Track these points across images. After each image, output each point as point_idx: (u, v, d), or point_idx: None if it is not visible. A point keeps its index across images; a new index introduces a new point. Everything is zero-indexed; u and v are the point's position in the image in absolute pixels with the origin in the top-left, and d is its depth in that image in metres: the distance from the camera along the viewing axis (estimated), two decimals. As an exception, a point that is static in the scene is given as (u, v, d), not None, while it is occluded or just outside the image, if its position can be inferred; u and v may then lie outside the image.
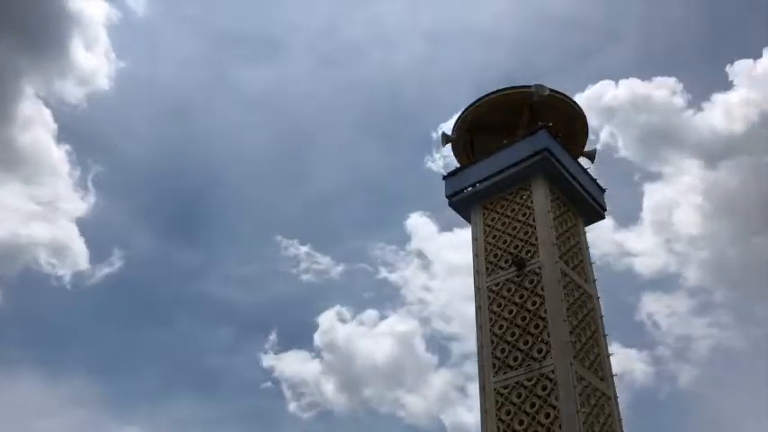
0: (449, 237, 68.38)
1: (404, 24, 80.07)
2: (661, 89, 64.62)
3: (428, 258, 70.79)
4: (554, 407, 21.79)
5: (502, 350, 24.10)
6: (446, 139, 31.69)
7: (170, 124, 74.84)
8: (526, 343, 23.66)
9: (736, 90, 65.56)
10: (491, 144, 29.75)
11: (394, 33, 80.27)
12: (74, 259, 64.39)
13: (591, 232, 29.08)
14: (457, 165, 31.55)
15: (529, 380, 22.82)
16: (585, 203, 28.70)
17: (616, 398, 23.85)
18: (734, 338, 62.71)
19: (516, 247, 26.26)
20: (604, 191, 30.23)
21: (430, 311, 68.28)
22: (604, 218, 29.84)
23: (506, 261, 26.21)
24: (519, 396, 22.76)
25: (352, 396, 62.66)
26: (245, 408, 64.52)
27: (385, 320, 67.82)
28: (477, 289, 26.31)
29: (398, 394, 63.43)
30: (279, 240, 70.02)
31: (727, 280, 62.62)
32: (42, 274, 63.46)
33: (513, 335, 24.13)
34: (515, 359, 23.57)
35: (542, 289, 24.42)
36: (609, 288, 26.26)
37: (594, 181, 29.91)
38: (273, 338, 68.06)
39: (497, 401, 23.13)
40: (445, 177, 29.88)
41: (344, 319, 66.91)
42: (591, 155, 31.37)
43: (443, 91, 76.52)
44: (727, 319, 64.19)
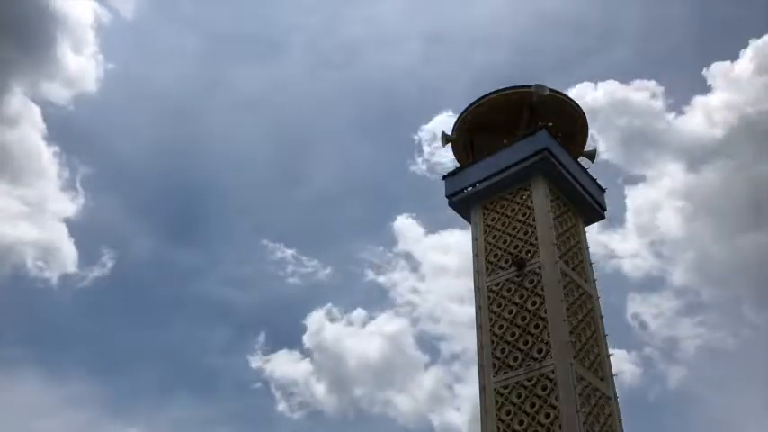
0: (435, 239, 69.26)
1: (402, 25, 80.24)
2: (641, 92, 65.12)
3: (416, 260, 71.31)
4: (554, 407, 21.78)
5: (502, 350, 24.09)
6: (446, 139, 31.70)
7: (163, 125, 74.93)
8: (526, 343, 23.65)
9: (715, 93, 66.33)
10: (491, 144, 29.73)
11: (392, 34, 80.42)
12: (63, 261, 64.75)
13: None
14: (441, 165, 31.69)
15: (529, 380, 22.81)
16: (585, 203, 28.70)
17: (616, 398, 23.84)
18: (722, 338, 63.24)
19: (516, 247, 26.26)
20: (604, 191, 30.25)
21: (419, 312, 68.50)
22: (604, 218, 29.85)
23: (506, 261, 26.21)
24: (519, 396, 22.74)
25: (341, 396, 62.98)
26: (241, 408, 64.85)
27: (374, 321, 68.28)
28: (477, 289, 26.30)
29: (388, 394, 63.81)
30: (270, 242, 70.87)
31: (713, 280, 63.29)
32: (31, 276, 63.74)
33: (513, 335, 24.12)
34: (515, 359, 23.56)
35: (542, 289, 24.41)
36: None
37: (594, 181, 29.92)
38: (266, 339, 68.65)
39: (497, 401, 23.11)
40: (445, 177, 29.86)
41: (334, 320, 67.38)
42: (591, 155, 31.39)
43: (442, 91, 76.74)
44: (714, 319, 64.78)
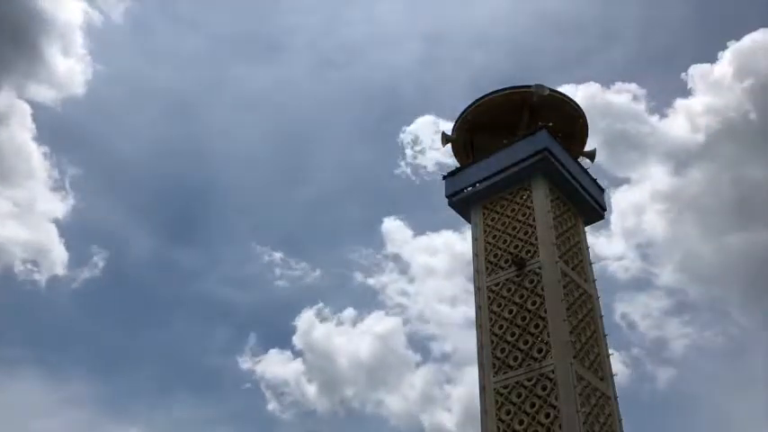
0: (423, 240, 69.55)
1: (402, 25, 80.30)
2: (622, 94, 65.41)
3: (405, 262, 71.49)
4: (554, 407, 21.78)
5: (502, 350, 24.08)
6: (446, 139, 31.71)
7: (155, 126, 75.15)
8: (526, 343, 23.64)
9: (696, 96, 66.84)
10: (491, 144, 29.74)
11: (392, 34, 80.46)
12: (53, 261, 64.91)
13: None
14: (423, 168, 31.70)
15: (529, 380, 22.80)
16: (585, 203, 28.69)
17: (616, 398, 23.83)
18: (710, 337, 63.71)
19: (516, 247, 26.25)
20: (604, 191, 30.30)
21: (408, 314, 68.72)
22: (604, 218, 29.90)
23: (506, 261, 26.20)
24: (519, 396, 22.74)
25: (332, 396, 63.17)
26: (238, 408, 65.05)
27: (365, 322, 68.59)
28: (477, 289, 26.29)
29: (378, 395, 64.16)
30: (261, 244, 71.01)
31: (700, 279, 63.77)
32: (21, 277, 63.77)
33: (513, 335, 24.12)
34: (515, 359, 23.55)
35: (542, 289, 24.41)
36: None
37: (594, 181, 29.92)
38: (259, 340, 68.99)
39: (497, 401, 23.10)
40: (445, 177, 29.87)
41: (325, 320, 67.82)
42: (591, 155, 31.39)
43: (441, 92, 76.73)
44: (702, 319, 65.32)
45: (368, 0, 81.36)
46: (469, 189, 28.79)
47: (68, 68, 67.25)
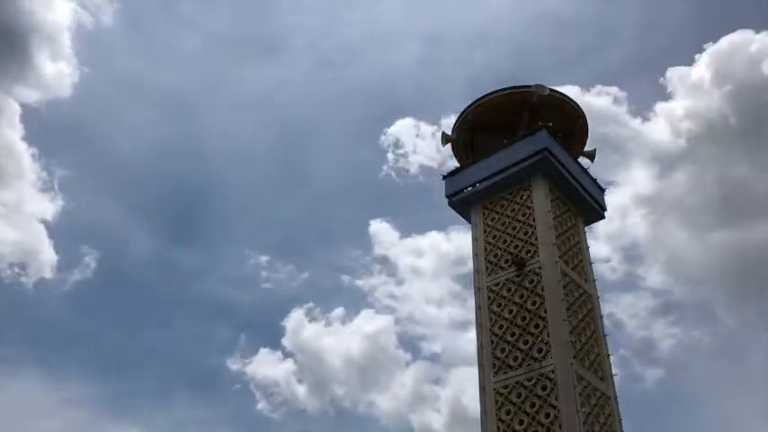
0: (410, 242, 69.80)
1: (402, 25, 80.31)
2: (602, 97, 65.64)
3: (392, 263, 71.57)
4: (554, 407, 21.77)
5: (502, 350, 24.07)
6: (446, 139, 31.70)
7: (153, 126, 75.32)
8: (526, 343, 23.63)
9: (676, 100, 67.49)
10: (491, 144, 29.74)
11: (392, 34, 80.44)
12: (41, 264, 65.00)
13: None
14: (405, 171, 31.69)
15: (529, 380, 22.79)
16: (585, 203, 28.68)
17: (616, 398, 23.83)
18: (697, 337, 63.95)
19: (516, 247, 26.24)
20: (604, 191, 30.28)
21: (397, 315, 68.94)
22: (604, 218, 29.87)
23: (506, 261, 26.20)
24: (519, 396, 22.73)
25: (322, 396, 63.46)
26: (233, 409, 65.10)
27: (354, 323, 68.92)
28: (477, 289, 26.29)
29: (367, 395, 64.52)
30: (259, 245, 71.23)
31: (686, 280, 64.18)
32: (9, 280, 63.79)
33: (513, 335, 24.11)
34: (515, 359, 23.54)
35: (542, 289, 24.40)
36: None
37: (594, 181, 29.90)
38: (251, 340, 68.94)
39: (497, 401, 23.09)
40: (445, 177, 29.88)
41: (314, 320, 68.19)
42: (591, 155, 31.37)
43: (441, 92, 76.72)
44: (689, 318, 65.57)
45: (368, 0, 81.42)
46: (469, 189, 28.80)
47: (57, 70, 67.78)
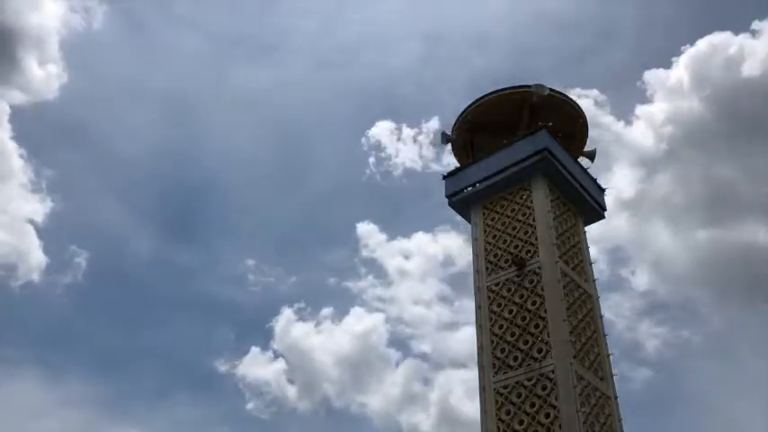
0: (398, 245, 70.24)
1: (401, 26, 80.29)
2: (582, 100, 65.53)
3: (380, 265, 71.89)
4: (554, 407, 21.77)
5: (502, 350, 24.07)
6: (446, 139, 31.70)
7: (153, 126, 75.06)
8: (526, 343, 23.63)
9: (655, 103, 67.43)
10: (491, 144, 29.74)
11: (391, 34, 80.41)
12: (30, 265, 64.86)
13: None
14: (389, 173, 31.68)
15: (529, 380, 22.80)
16: (585, 203, 28.68)
17: (616, 398, 23.83)
18: (684, 336, 64.05)
19: (516, 247, 26.24)
20: (604, 190, 30.25)
21: (387, 316, 69.04)
22: (604, 217, 29.85)
23: (506, 261, 26.20)
24: (519, 396, 22.73)
25: (312, 395, 63.73)
26: (235, 409, 65.12)
27: (344, 323, 68.99)
28: (477, 288, 26.29)
29: (358, 395, 64.66)
30: (255, 245, 71.42)
31: (672, 280, 64.34)
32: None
33: (513, 335, 24.11)
34: (515, 359, 23.54)
35: (542, 289, 24.40)
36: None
37: (594, 181, 29.90)
38: (236, 339, 69.01)
39: (497, 401, 23.10)
40: (445, 177, 29.87)
41: (304, 320, 68.45)
42: (591, 155, 31.36)
43: (441, 92, 76.70)
44: (676, 318, 65.72)
45: (367, 0, 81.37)
46: (469, 189, 28.79)
47: (46, 72, 67.45)
